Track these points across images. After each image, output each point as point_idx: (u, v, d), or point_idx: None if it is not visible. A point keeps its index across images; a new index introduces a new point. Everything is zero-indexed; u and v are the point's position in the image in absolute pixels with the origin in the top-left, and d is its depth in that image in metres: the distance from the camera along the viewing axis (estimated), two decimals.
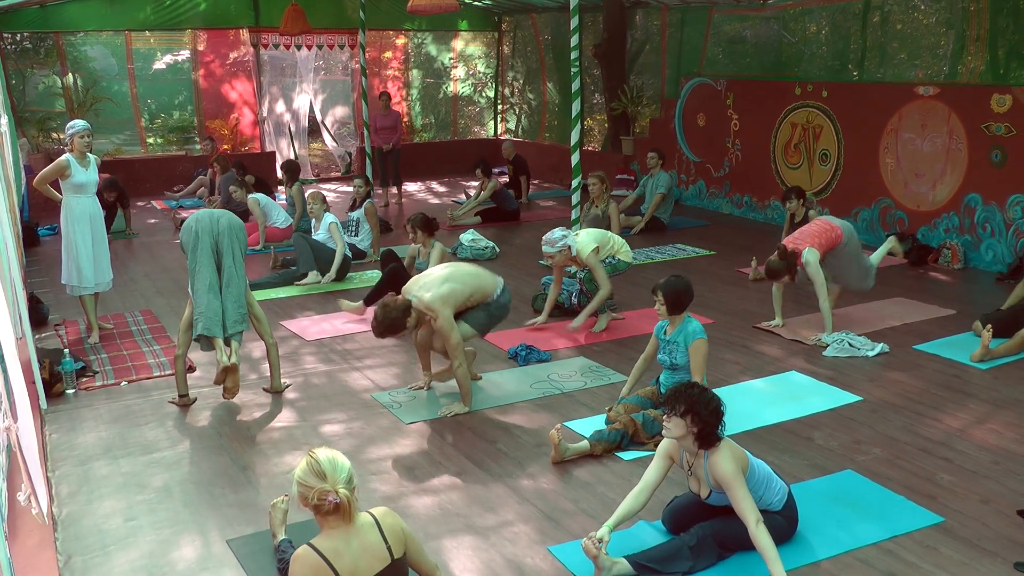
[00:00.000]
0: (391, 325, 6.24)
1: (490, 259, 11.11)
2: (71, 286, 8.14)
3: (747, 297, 9.27)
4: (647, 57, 16.21)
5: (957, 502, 5.05)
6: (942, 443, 5.82)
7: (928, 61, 11.51)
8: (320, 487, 3.39)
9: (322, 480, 3.41)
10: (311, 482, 3.42)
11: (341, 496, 3.39)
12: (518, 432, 6.15)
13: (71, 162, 7.89)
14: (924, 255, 10.50)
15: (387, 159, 15.57)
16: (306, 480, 3.43)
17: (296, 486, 3.47)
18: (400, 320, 6.24)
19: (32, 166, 14.43)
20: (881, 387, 6.80)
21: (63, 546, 4.79)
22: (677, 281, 6.01)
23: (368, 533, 3.48)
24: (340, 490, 3.39)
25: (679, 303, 5.96)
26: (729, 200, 13.89)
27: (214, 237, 6.46)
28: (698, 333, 5.93)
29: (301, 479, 3.45)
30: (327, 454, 3.50)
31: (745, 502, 4.24)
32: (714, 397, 4.40)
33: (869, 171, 11.51)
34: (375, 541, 3.50)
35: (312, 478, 3.42)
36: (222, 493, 5.37)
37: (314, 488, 3.39)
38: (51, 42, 15.96)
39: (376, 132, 15.66)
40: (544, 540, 4.76)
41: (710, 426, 4.32)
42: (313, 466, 3.44)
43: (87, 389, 7.06)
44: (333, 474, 3.42)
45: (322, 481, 3.40)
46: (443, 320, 6.29)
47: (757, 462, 4.53)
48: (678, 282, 6.00)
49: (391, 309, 6.25)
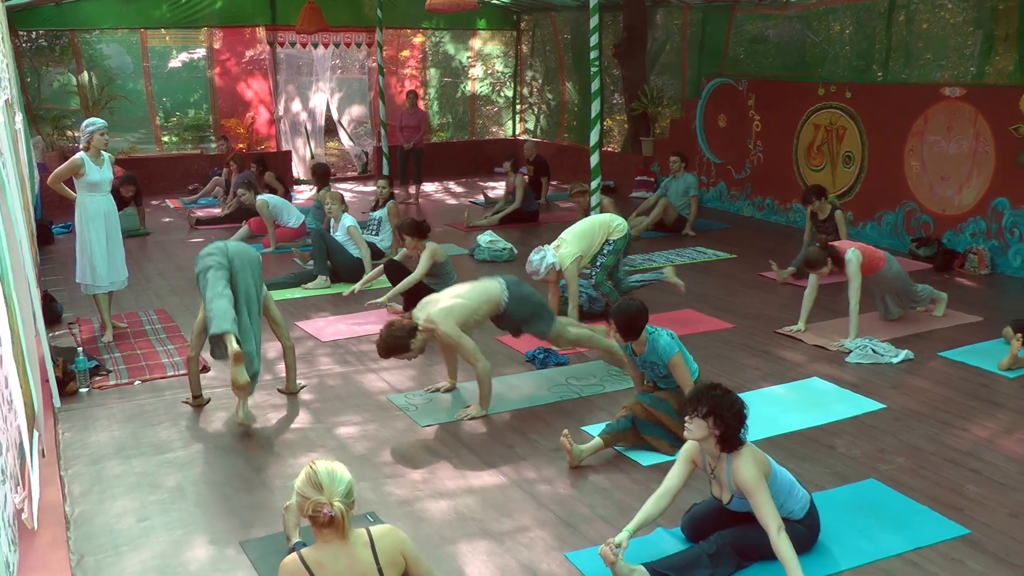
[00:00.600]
0: (394, 345, 6.30)
1: (508, 261, 11.11)
2: (85, 284, 8.20)
3: (769, 301, 9.23)
4: (668, 57, 16.18)
5: (984, 514, 5.00)
6: (969, 453, 5.77)
7: (955, 61, 11.45)
8: (316, 499, 3.39)
9: (319, 492, 3.41)
10: (308, 493, 3.42)
11: (335, 510, 3.38)
12: (535, 436, 6.13)
13: (85, 161, 7.95)
14: (950, 260, 10.44)
15: (409, 158, 15.77)
16: (304, 491, 3.44)
17: (295, 495, 3.49)
18: (404, 340, 6.30)
19: (46, 164, 14.53)
20: (905, 395, 6.76)
21: (75, 545, 4.81)
22: (628, 305, 5.89)
23: (360, 551, 3.45)
24: (335, 503, 3.39)
25: (634, 327, 5.81)
26: (750, 202, 13.84)
27: (231, 270, 6.46)
28: (671, 348, 5.79)
29: (300, 489, 3.46)
30: (326, 466, 3.50)
31: (767, 509, 4.22)
32: (737, 399, 4.38)
33: (894, 174, 11.45)
34: (366, 560, 3.46)
35: (309, 489, 3.43)
36: (235, 494, 5.38)
37: (310, 499, 3.40)
38: (66, 40, 16.08)
39: (400, 130, 15.84)
40: (561, 546, 4.75)
41: (733, 429, 4.30)
42: (311, 477, 3.45)
43: (100, 388, 7.10)
44: (330, 487, 3.42)
45: (319, 493, 3.40)
46: (446, 330, 6.32)
47: (780, 469, 4.50)
48: (629, 306, 5.87)
49: (396, 329, 6.31)
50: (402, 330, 6.29)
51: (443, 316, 6.34)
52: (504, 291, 6.73)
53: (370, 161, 18.82)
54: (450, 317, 6.35)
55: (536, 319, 6.88)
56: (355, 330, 8.48)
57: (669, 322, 8.38)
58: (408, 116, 15.96)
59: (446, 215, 14.35)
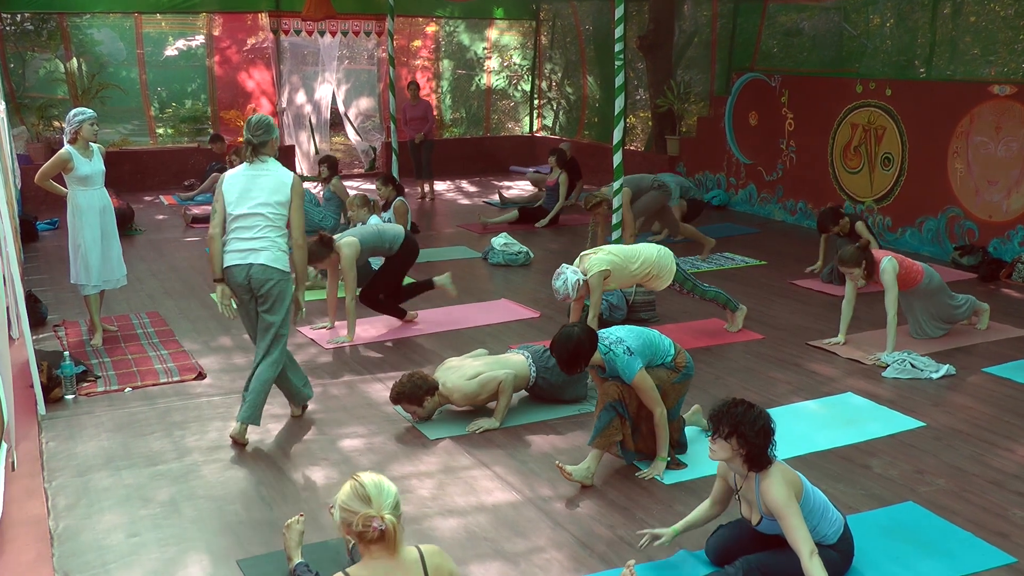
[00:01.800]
0: (409, 395, 6.48)
1: (524, 264, 11.13)
2: (82, 285, 8.23)
3: (800, 311, 9.22)
4: (696, 50, 16.19)
5: None
6: (1015, 476, 5.75)
7: (1004, 57, 11.43)
8: (365, 512, 3.39)
9: (367, 505, 3.41)
10: (355, 507, 3.42)
11: (387, 522, 3.38)
12: (551, 451, 6.14)
13: (73, 154, 7.97)
14: (996, 270, 10.40)
15: (419, 151, 15.90)
16: (350, 505, 3.44)
17: (339, 511, 3.49)
18: (419, 395, 6.48)
19: (31, 156, 14.54)
20: (946, 412, 6.73)
21: (60, 562, 4.82)
22: (563, 339, 5.63)
23: (411, 569, 3.45)
24: (386, 516, 3.39)
25: (577, 360, 5.61)
26: (782, 206, 13.83)
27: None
28: (631, 368, 5.56)
29: (345, 504, 3.46)
30: (373, 478, 3.52)
31: (799, 532, 4.21)
32: (762, 414, 4.38)
33: (936, 177, 11.43)
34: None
35: (357, 503, 3.43)
36: (233, 510, 5.39)
37: (359, 513, 3.39)
38: (54, 24, 16.05)
39: (406, 123, 15.92)
40: (578, 568, 4.75)
41: (758, 448, 4.30)
42: (358, 490, 3.46)
43: (88, 395, 7.12)
44: (379, 499, 3.43)
45: (367, 506, 3.41)
46: (459, 396, 6.56)
47: (812, 489, 4.50)
48: (565, 340, 5.61)
49: (417, 380, 6.51)
50: (423, 385, 6.48)
51: (469, 393, 6.58)
52: (531, 365, 6.79)
53: (379, 157, 18.86)
54: (478, 391, 6.58)
55: (569, 385, 6.88)
56: (360, 336, 8.48)
57: (694, 332, 8.39)
58: (411, 108, 16.13)
59: (458, 216, 14.37)
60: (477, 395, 6.55)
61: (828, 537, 4.50)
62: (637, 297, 8.69)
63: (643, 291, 8.75)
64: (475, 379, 6.53)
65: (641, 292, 8.74)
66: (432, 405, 6.53)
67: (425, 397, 6.44)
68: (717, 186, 14.97)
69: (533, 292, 10.00)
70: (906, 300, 8.09)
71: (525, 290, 10.12)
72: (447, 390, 6.54)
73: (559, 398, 6.91)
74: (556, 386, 6.82)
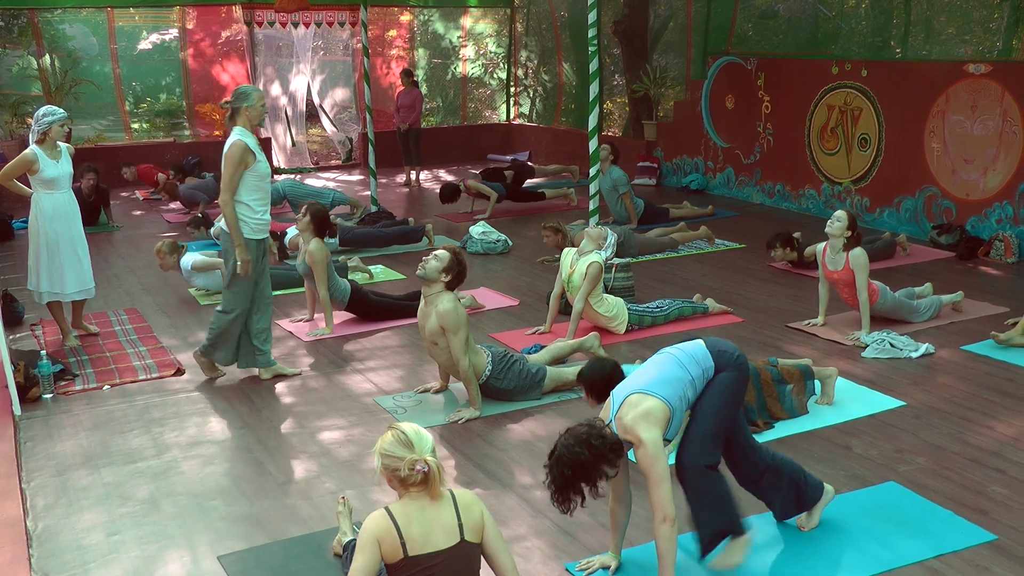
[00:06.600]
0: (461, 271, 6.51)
1: (502, 252, 11.11)
2: (39, 292, 7.93)
3: (778, 294, 9.24)
4: (671, 35, 16.18)
5: (1011, 518, 5.01)
6: (994, 452, 5.78)
7: (979, 36, 11.45)
8: (410, 457, 3.62)
9: (410, 450, 3.64)
10: (399, 452, 3.65)
11: (431, 464, 3.64)
12: (532, 439, 6.14)
13: (39, 155, 7.66)
14: (974, 248, 10.44)
15: (407, 138, 16.39)
16: (393, 451, 3.66)
17: (381, 459, 3.70)
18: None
19: (6, 154, 14.42)
20: (926, 391, 6.76)
21: (39, 563, 4.79)
22: (601, 366, 5.08)
23: (443, 508, 3.71)
24: (429, 459, 3.64)
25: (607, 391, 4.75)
26: (760, 189, 13.85)
27: None
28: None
29: (388, 451, 3.68)
30: (411, 426, 3.75)
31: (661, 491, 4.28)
32: (575, 444, 4.24)
33: (913, 157, 11.45)
34: (448, 519, 3.70)
35: (400, 448, 3.66)
36: (213, 505, 5.37)
37: (404, 459, 3.63)
38: (25, 19, 15.91)
39: (396, 111, 16.53)
40: (559, 556, 4.76)
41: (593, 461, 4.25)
42: (400, 437, 3.68)
43: (66, 394, 7.08)
44: (420, 444, 3.67)
45: (410, 451, 3.64)
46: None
47: (668, 396, 4.46)
48: (603, 367, 5.06)
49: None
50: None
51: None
52: (488, 365, 6.66)
53: (355, 148, 18.81)
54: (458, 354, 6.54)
55: (519, 393, 6.75)
56: (339, 328, 8.44)
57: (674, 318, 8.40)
58: (404, 95, 16.47)
59: (437, 205, 14.27)
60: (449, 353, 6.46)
61: (708, 370, 4.72)
62: (616, 283, 8.68)
63: (622, 276, 8.75)
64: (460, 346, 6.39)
65: (620, 278, 8.74)
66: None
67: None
68: (695, 170, 14.98)
69: (512, 280, 9.98)
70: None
71: (504, 278, 10.10)
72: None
73: (513, 400, 6.80)
74: (505, 391, 6.71)
